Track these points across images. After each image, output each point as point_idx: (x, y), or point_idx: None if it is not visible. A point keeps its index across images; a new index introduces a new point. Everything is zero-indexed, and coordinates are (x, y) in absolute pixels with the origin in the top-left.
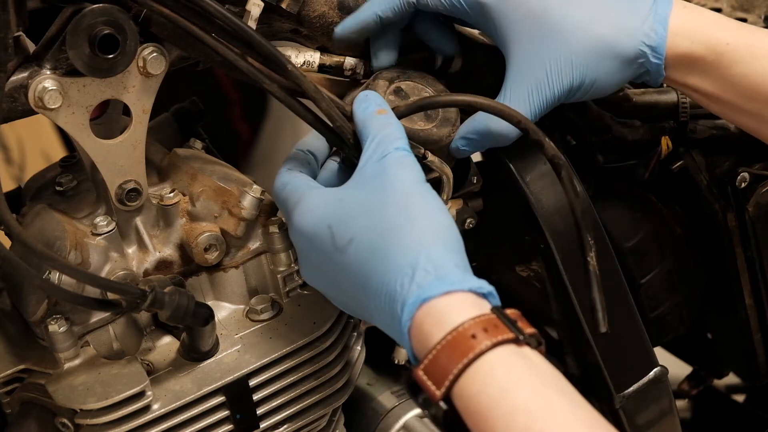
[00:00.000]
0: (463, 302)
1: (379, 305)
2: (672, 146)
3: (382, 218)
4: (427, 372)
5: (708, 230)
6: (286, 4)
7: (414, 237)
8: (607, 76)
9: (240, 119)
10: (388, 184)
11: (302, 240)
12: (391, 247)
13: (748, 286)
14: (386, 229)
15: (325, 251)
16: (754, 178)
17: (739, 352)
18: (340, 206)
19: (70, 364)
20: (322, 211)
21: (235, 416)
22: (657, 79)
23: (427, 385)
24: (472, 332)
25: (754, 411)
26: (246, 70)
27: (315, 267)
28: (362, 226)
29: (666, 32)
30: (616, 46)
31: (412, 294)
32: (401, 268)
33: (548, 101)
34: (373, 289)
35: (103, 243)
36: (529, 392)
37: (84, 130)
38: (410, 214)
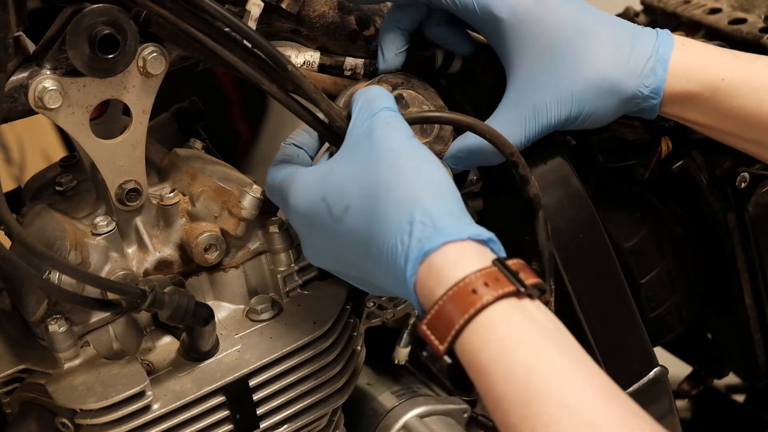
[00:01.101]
0: (463, 253)
1: (383, 267)
2: (672, 146)
3: (373, 180)
4: (430, 327)
5: (708, 230)
6: (286, 4)
7: (406, 192)
8: (604, 111)
9: (240, 119)
10: (375, 145)
11: (301, 220)
12: (386, 206)
13: (748, 286)
14: (378, 190)
15: (324, 224)
16: (754, 178)
17: (739, 352)
18: (331, 177)
19: (70, 364)
20: (314, 185)
21: (235, 416)
22: (650, 115)
23: (430, 340)
24: (473, 287)
25: (754, 411)
26: (245, 70)
27: (317, 245)
28: (355, 192)
29: (665, 74)
30: (616, 85)
31: (413, 249)
32: (399, 225)
33: (543, 128)
34: (375, 253)
35: (103, 243)
36: (528, 349)
37: (84, 130)
38: (399, 171)
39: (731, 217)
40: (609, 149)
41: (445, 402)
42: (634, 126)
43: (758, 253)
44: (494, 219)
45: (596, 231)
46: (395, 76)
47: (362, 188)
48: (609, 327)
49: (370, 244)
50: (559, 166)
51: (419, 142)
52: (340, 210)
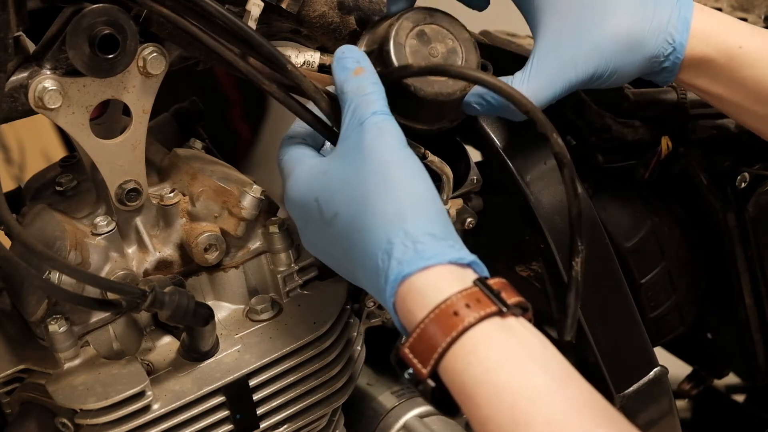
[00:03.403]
0: (444, 276)
1: (366, 278)
2: (672, 146)
3: (361, 191)
4: (413, 350)
5: (708, 230)
6: (286, 4)
7: (390, 209)
8: (628, 68)
9: (240, 119)
10: (367, 154)
11: (295, 210)
12: (370, 220)
13: (748, 286)
14: (366, 203)
15: (316, 223)
16: (754, 178)
17: (739, 352)
18: (325, 179)
19: (70, 364)
20: (309, 183)
21: (235, 416)
22: (668, 78)
23: (413, 363)
24: (455, 309)
25: (754, 411)
26: (245, 70)
27: (310, 236)
28: (345, 200)
29: (687, 33)
30: (640, 41)
31: (393, 270)
32: (380, 243)
33: (570, 83)
34: (359, 262)
35: (103, 243)
36: (513, 369)
37: (84, 130)
38: (387, 185)
39: (731, 217)
40: (609, 149)
41: None
42: (634, 126)
43: (758, 253)
44: (494, 219)
45: (596, 231)
46: (416, 12)
47: (351, 197)
48: (609, 327)
49: (354, 254)
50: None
51: (411, 152)
52: (330, 214)
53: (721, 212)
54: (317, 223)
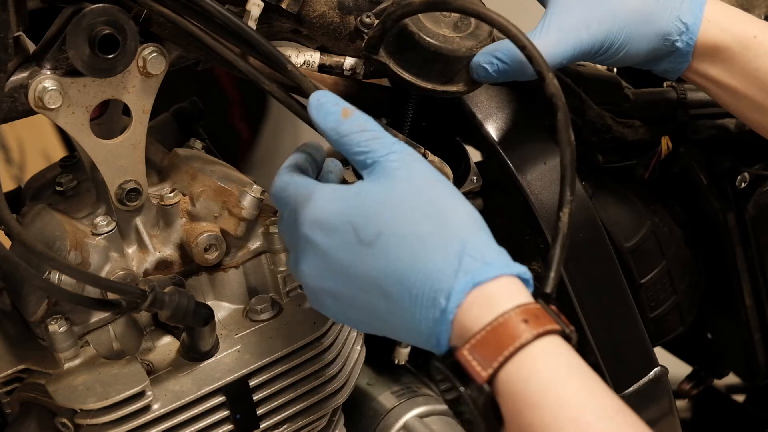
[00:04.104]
0: (511, 287)
1: (415, 297)
2: (672, 146)
3: (412, 210)
4: (473, 352)
5: (708, 230)
6: (286, 4)
7: (455, 225)
8: (639, 42)
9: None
10: (408, 176)
11: (318, 236)
12: (431, 237)
13: (748, 286)
14: (417, 221)
15: (348, 247)
16: (754, 178)
17: (739, 352)
18: (358, 201)
19: (70, 364)
20: (338, 206)
21: (235, 416)
22: (681, 64)
23: (471, 366)
24: (524, 317)
25: (754, 411)
26: (245, 70)
27: (318, 263)
28: (390, 219)
29: (701, 15)
30: (654, 15)
31: (459, 281)
32: (445, 257)
33: (581, 45)
34: (409, 281)
35: (103, 243)
36: (578, 384)
37: (84, 130)
38: (444, 204)
39: (731, 217)
40: (609, 149)
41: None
42: (634, 126)
43: (758, 253)
44: (494, 219)
45: (596, 231)
46: None
47: (399, 217)
48: (609, 327)
49: (403, 272)
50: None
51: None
52: (370, 235)
53: (721, 212)
54: (350, 247)
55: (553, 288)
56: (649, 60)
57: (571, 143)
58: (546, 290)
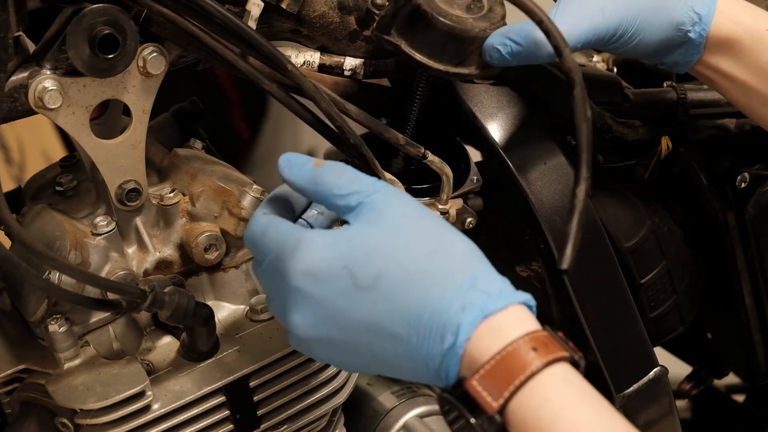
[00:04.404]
0: (519, 315)
1: (423, 334)
2: (672, 146)
3: (412, 246)
4: (482, 383)
5: (708, 230)
6: (286, 4)
7: (457, 258)
8: (653, 31)
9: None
10: (401, 213)
11: (311, 286)
12: (435, 271)
13: (748, 286)
14: (423, 256)
15: (346, 293)
16: (754, 178)
17: (739, 352)
18: (351, 245)
19: (70, 364)
20: (331, 253)
21: (235, 416)
22: (692, 56)
23: (482, 396)
24: (533, 345)
25: (754, 411)
26: (245, 70)
27: (323, 316)
28: (388, 260)
29: (714, 6)
30: (668, 3)
31: (468, 314)
32: (451, 291)
33: (596, 29)
34: (415, 318)
35: (103, 243)
36: (590, 410)
37: (84, 130)
38: (443, 238)
39: (731, 217)
40: (609, 149)
41: None
42: (634, 126)
43: (758, 253)
44: (494, 219)
45: (596, 231)
46: None
47: (396, 256)
48: (609, 327)
49: (408, 308)
50: (559, 166)
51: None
52: (369, 278)
53: (721, 212)
54: (347, 293)
55: (570, 264)
56: (661, 50)
57: (588, 119)
58: (563, 266)
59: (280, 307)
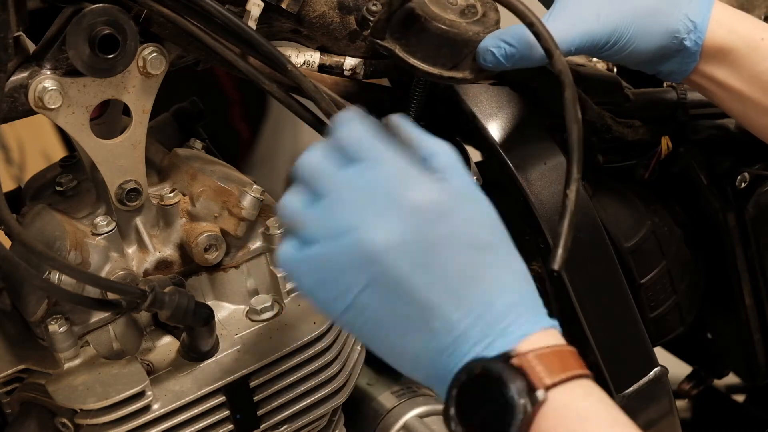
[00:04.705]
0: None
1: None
2: (672, 146)
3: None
4: (540, 359)
5: (708, 230)
6: (286, 4)
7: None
8: (648, 39)
9: (240, 119)
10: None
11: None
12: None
13: (748, 286)
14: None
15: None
16: (754, 178)
17: (739, 352)
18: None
19: (70, 364)
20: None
21: (235, 416)
22: (688, 65)
23: (534, 371)
24: (571, 350)
25: (754, 411)
26: (245, 70)
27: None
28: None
29: (709, 14)
30: (663, 11)
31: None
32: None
33: (590, 34)
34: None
35: (103, 243)
36: (620, 413)
37: (84, 130)
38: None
39: (731, 217)
40: (609, 149)
41: None
42: (634, 126)
43: (758, 253)
44: None
45: (596, 231)
46: None
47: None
48: (609, 327)
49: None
50: (559, 166)
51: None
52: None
53: (721, 212)
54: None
55: (561, 264)
56: (657, 59)
57: (578, 120)
58: (554, 266)
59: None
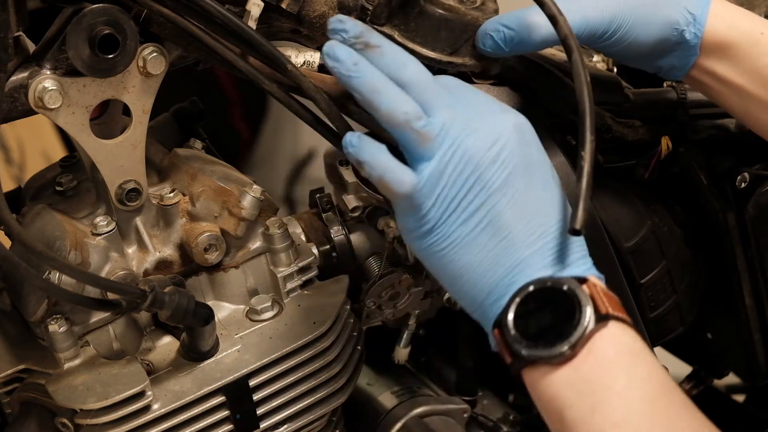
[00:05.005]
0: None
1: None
2: (672, 146)
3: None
4: (604, 292)
5: (708, 230)
6: (286, 4)
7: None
8: (647, 30)
9: (240, 119)
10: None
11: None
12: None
13: (748, 286)
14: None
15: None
16: (754, 178)
17: (739, 352)
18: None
19: (70, 364)
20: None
21: (235, 416)
22: (689, 59)
23: (601, 298)
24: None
25: (754, 411)
26: (245, 70)
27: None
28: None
29: (708, 8)
30: (661, 3)
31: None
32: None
33: (588, 25)
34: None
35: (103, 243)
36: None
37: (84, 130)
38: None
39: (731, 217)
40: (609, 149)
41: (445, 402)
42: (634, 126)
43: (758, 253)
44: None
45: (596, 231)
46: None
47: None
48: None
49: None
50: (559, 166)
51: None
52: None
53: (721, 212)
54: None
55: (581, 223)
56: (656, 52)
57: (588, 84)
58: (575, 227)
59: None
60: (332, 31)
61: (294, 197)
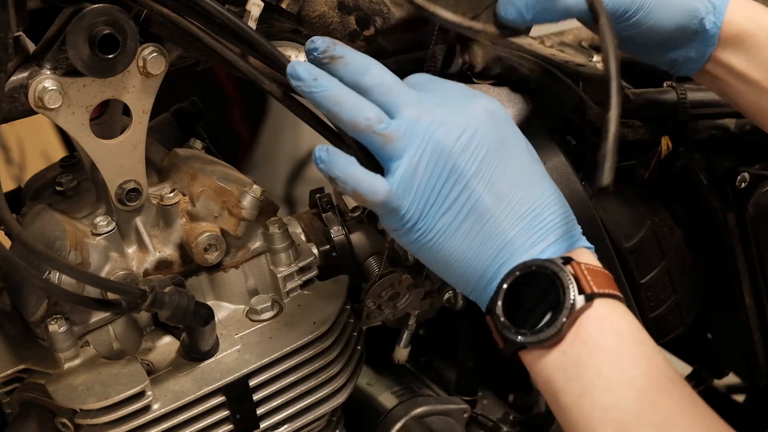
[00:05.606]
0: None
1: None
2: (672, 146)
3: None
4: (588, 269)
5: (708, 230)
6: (286, 4)
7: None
8: (668, 14)
9: (240, 119)
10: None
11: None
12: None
13: (748, 286)
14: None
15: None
16: (754, 178)
17: (739, 352)
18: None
19: (70, 364)
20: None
21: (235, 416)
22: (706, 49)
23: (586, 278)
24: (608, 273)
25: (754, 411)
26: (245, 70)
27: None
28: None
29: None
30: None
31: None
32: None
33: (612, 0)
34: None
35: (103, 243)
36: (647, 335)
37: (84, 130)
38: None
39: (731, 217)
40: None
41: (445, 402)
42: (634, 126)
43: (758, 253)
44: None
45: (596, 231)
46: None
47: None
48: None
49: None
50: (559, 166)
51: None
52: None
53: (721, 212)
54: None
55: (609, 179)
56: (675, 40)
57: (616, 47)
58: (602, 183)
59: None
60: (306, 53)
61: (294, 197)
